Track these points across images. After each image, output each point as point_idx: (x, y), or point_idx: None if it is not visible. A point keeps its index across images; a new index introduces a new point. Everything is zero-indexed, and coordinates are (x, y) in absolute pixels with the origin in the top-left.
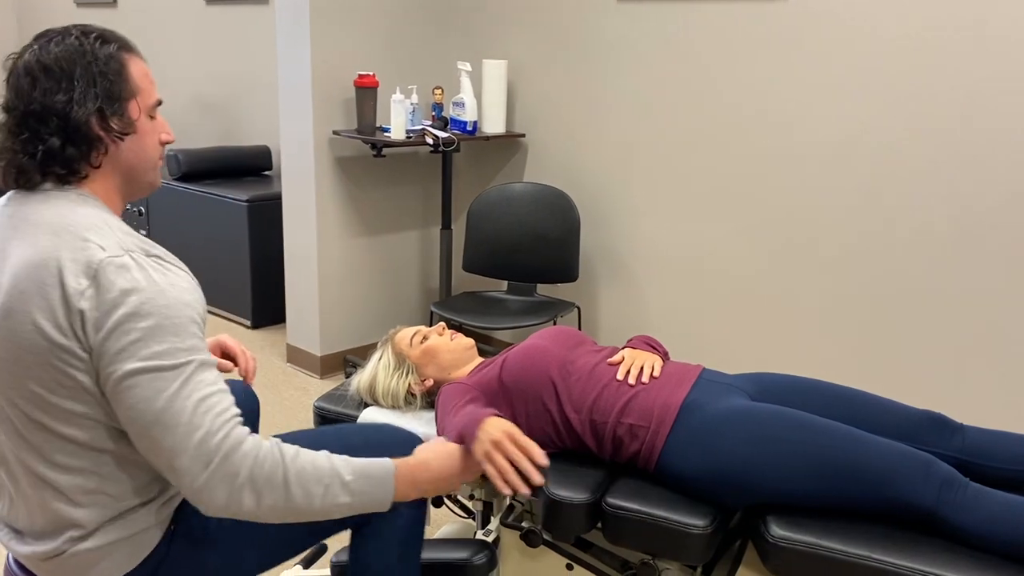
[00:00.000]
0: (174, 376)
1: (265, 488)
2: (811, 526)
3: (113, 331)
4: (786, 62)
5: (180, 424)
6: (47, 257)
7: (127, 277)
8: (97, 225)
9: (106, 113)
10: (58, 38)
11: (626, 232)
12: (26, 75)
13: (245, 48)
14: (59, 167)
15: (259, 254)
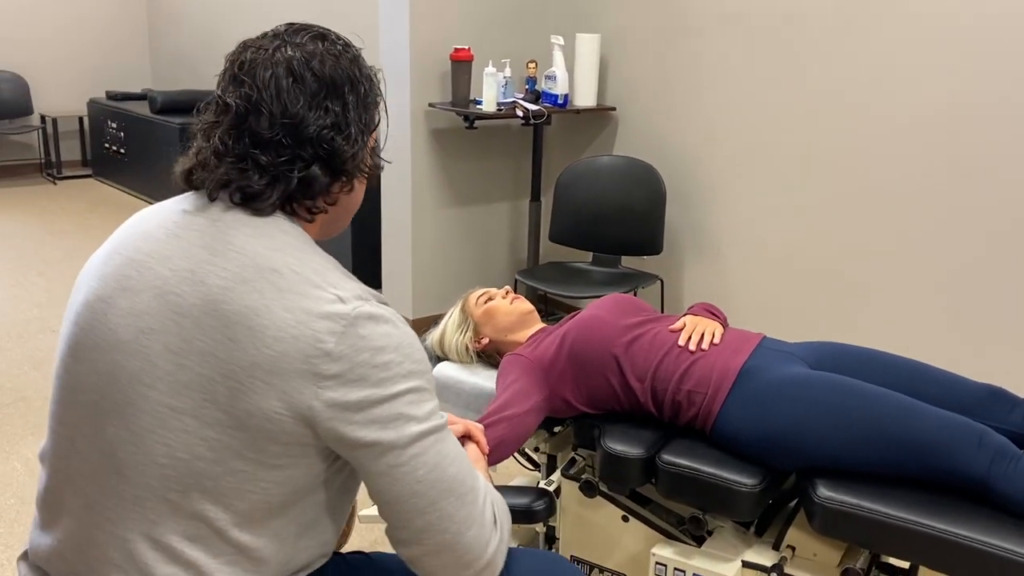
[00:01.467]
0: (446, 436)
1: (510, 528)
2: (857, 488)
3: (377, 395)
4: (880, 38)
5: (471, 491)
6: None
7: (384, 332)
8: (323, 269)
9: (365, 146)
10: (322, 42)
11: (712, 206)
12: (289, 75)
13: (352, 22)
14: (306, 198)
15: (359, 222)
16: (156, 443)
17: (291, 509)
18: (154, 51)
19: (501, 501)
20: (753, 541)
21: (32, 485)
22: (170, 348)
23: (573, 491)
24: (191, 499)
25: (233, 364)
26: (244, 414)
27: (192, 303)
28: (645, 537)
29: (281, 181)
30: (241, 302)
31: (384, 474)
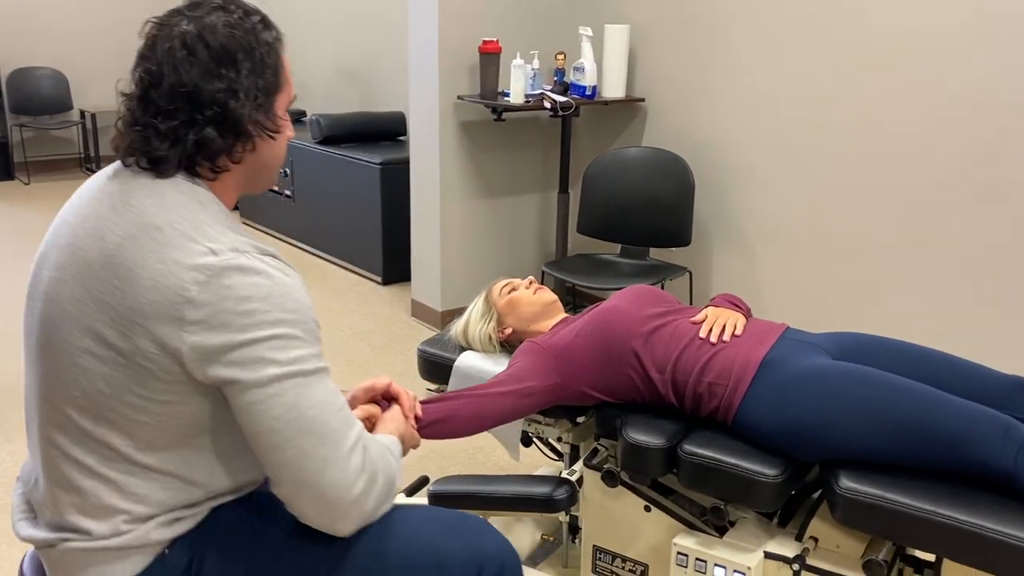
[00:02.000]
0: (315, 380)
1: (392, 479)
2: (879, 479)
3: (240, 339)
4: (911, 26)
5: (333, 432)
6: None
7: (250, 282)
8: (204, 223)
9: (263, 108)
10: (220, 13)
11: (741, 198)
12: (183, 49)
13: (385, 16)
14: (205, 159)
15: (390, 214)
16: (69, 379)
17: (197, 439)
18: None
19: (386, 458)
20: (775, 532)
21: None
22: (76, 296)
23: (595, 481)
24: (100, 427)
25: (119, 310)
26: (129, 354)
27: (94, 257)
28: (667, 527)
29: (178, 144)
30: (127, 255)
31: (244, 411)
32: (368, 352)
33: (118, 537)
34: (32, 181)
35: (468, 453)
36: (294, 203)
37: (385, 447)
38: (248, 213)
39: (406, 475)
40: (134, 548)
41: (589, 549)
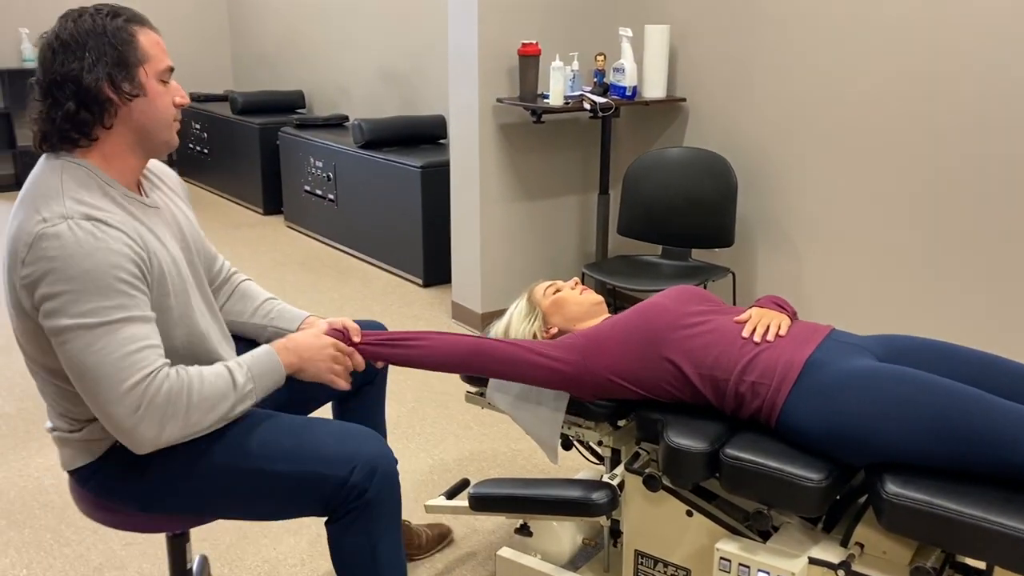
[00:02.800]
0: (102, 332)
1: (188, 419)
2: (927, 485)
3: (46, 293)
4: (958, 25)
5: (108, 376)
6: (13, 230)
7: (56, 244)
8: (50, 195)
9: (115, 78)
10: (75, 15)
11: (786, 197)
12: (48, 49)
13: (425, 21)
14: (74, 130)
15: (431, 217)
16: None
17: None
18: (235, 54)
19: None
20: (820, 537)
21: None
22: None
23: (637, 485)
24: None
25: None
26: (10, 306)
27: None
28: (709, 532)
29: (52, 122)
30: (5, 228)
31: (56, 352)
32: None
33: (73, 433)
34: None
35: (508, 456)
36: (337, 207)
37: (210, 371)
38: (293, 218)
39: (448, 477)
40: (90, 440)
41: (631, 554)
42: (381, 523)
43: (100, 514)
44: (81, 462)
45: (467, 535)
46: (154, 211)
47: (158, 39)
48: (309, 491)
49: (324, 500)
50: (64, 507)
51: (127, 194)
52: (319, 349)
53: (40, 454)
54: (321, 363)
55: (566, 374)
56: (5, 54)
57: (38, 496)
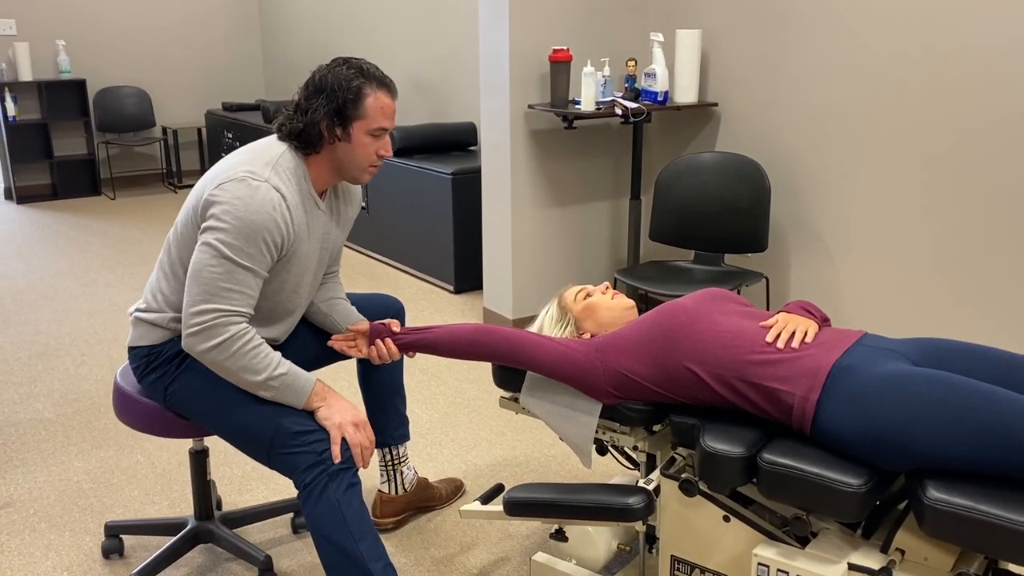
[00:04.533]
0: (226, 262)
1: (224, 359)
2: (969, 490)
3: (217, 214)
4: (993, 32)
5: (203, 290)
6: (231, 162)
7: (246, 192)
8: (269, 159)
9: (332, 122)
10: (336, 64)
11: (819, 202)
12: (307, 85)
13: (455, 28)
14: (297, 140)
15: (462, 224)
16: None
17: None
18: (267, 63)
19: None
20: (860, 543)
21: (154, 478)
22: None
23: (673, 490)
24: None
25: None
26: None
27: None
28: (747, 538)
29: (289, 124)
30: (228, 160)
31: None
32: (440, 361)
33: (150, 313)
34: (118, 196)
35: (542, 462)
36: (368, 214)
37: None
38: None
39: (481, 483)
40: (158, 327)
41: (667, 559)
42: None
43: (131, 405)
44: (142, 342)
45: (501, 540)
46: (320, 213)
47: (386, 103)
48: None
49: (307, 465)
50: (104, 511)
51: (311, 194)
52: (348, 409)
53: (79, 458)
54: (338, 413)
55: (577, 362)
56: (42, 66)
57: (78, 500)
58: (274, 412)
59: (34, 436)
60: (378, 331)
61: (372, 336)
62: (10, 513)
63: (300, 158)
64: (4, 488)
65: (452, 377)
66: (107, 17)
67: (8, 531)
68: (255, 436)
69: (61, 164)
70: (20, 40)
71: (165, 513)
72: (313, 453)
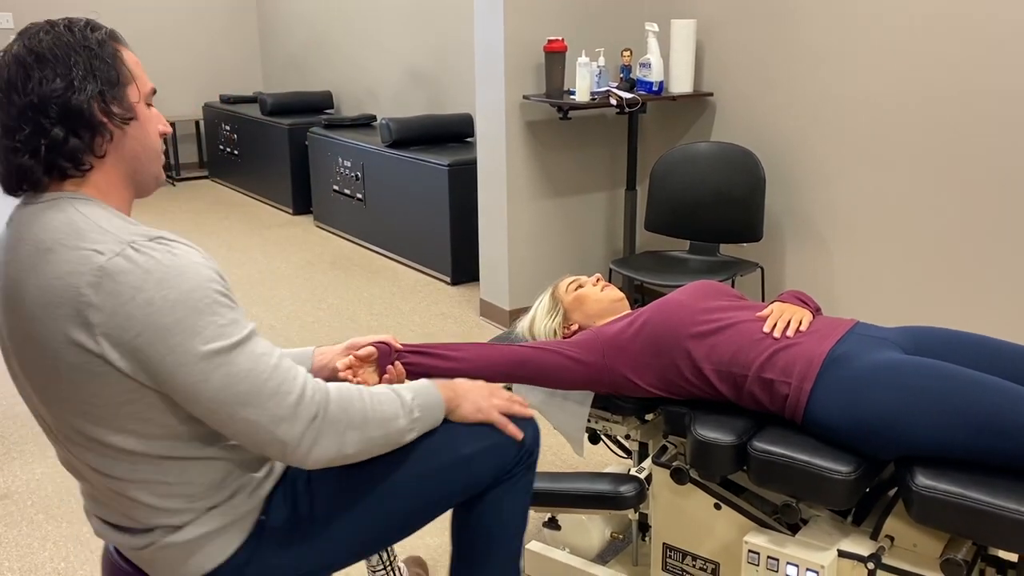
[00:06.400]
0: (238, 353)
1: (362, 424)
2: (957, 476)
3: (147, 334)
4: (987, 18)
5: (270, 395)
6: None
7: (137, 273)
8: (81, 230)
9: (107, 97)
10: (45, 27)
11: (814, 192)
12: (17, 66)
13: (451, 20)
14: (64, 160)
15: (458, 215)
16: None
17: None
18: (265, 56)
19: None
20: (850, 530)
21: None
22: (14, 341)
23: (665, 478)
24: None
25: (43, 339)
26: (70, 372)
27: (10, 298)
28: (738, 525)
29: (36, 152)
30: (32, 285)
31: (184, 401)
32: None
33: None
34: None
35: None
36: (365, 206)
37: (390, 392)
38: (322, 217)
39: None
40: (228, 524)
41: (659, 547)
42: (532, 481)
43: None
44: (227, 552)
45: None
46: None
47: (137, 59)
48: (494, 463)
49: (504, 466)
50: None
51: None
52: (473, 385)
53: None
54: (479, 398)
55: (592, 374)
56: None
57: (75, 491)
58: (431, 456)
59: (32, 428)
60: (387, 355)
61: (383, 362)
62: (7, 505)
63: (81, 195)
64: (2, 480)
65: None
66: (104, 9)
67: (6, 522)
68: (446, 494)
69: None
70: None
71: None
72: (503, 452)
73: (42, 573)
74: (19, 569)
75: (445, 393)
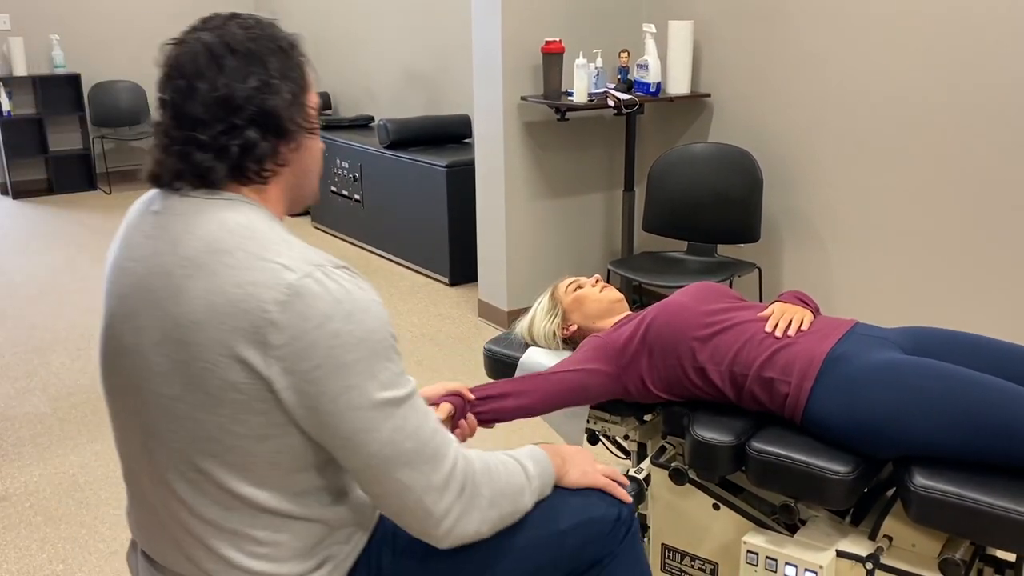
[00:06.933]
0: (409, 407)
1: (499, 500)
2: (955, 476)
3: (327, 366)
4: (992, 17)
5: (429, 459)
6: (229, 290)
7: (327, 300)
8: (266, 239)
9: (297, 103)
10: (234, 22)
11: (812, 192)
12: (209, 56)
13: (449, 21)
14: (253, 164)
15: (457, 217)
16: (168, 432)
17: (308, 473)
18: None
19: (494, 471)
20: (848, 530)
21: None
22: (155, 341)
23: (663, 479)
24: (212, 477)
25: (200, 346)
26: (219, 391)
27: (164, 296)
28: (736, 525)
29: (224, 152)
30: (200, 287)
31: (340, 447)
32: (436, 352)
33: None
34: (113, 191)
35: None
36: (363, 207)
37: (511, 459)
38: (320, 218)
39: None
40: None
41: (658, 548)
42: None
43: None
44: None
45: None
46: None
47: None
48: (587, 537)
49: (599, 540)
50: (99, 504)
51: None
52: (576, 450)
53: (75, 452)
54: (584, 463)
55: (612, 386)
56: (36, 60)
57: (73, 493)
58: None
59: (30, 430)
60: (462, 409)
61: (458, 416)
62: (5, 507)
63: (255, 203)
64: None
65: (448, 368)
66: (101, 11)
67: (4, 524)
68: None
69: (56, 159)
70: (14, 35)
71: None
72: (597, 527)
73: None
74: (17, 572)
75: (554, 460)
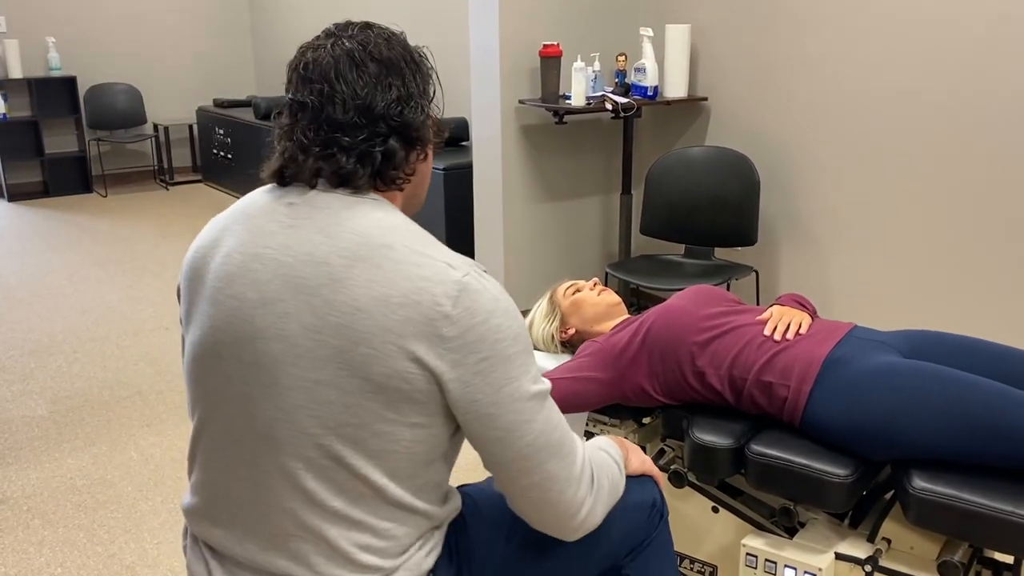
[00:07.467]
0: (551, 401)
1: (613, 490)
2: (954, 479)
3: (493, 358)
4: (989, 21)
5: (570, 452)
6: (402, 282)
7: (488, 298)
8: (423, 239)
9: (429, 114)
10: (370, 31)
11: (808, 195)
12: (351, 62)
13: (446, 24)
14: (393, 171)
15: (454, 220)
16: (307, 416)
17: (430, 467)
18: (258, 60)
19: (607, 463)
20: (847, 533)
21: (147, 474)
22: (306, 326)
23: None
24: (348, 458)
25: (366, 332)
26: (382, 377)
27: (319, 283)
28: (735, 528)
29: (367, 157)
30: (364, 277)
31: (496, 440)
32: None
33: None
34: (109, 193)
35: None
36: None
37: (602, 451)
38: None
39: (471, 476)
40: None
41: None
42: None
43: None
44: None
45: None
46: None
47: None
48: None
49: (644, 526)
50: (96, 507)
51: None
52: (624, 440)
53: (72, 455)
54: (638, 451)
55: (612, 392)
56: (32, 63)
57: (71, 496)
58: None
59: (27, 433)
60: None
61: None
62: (3, 510)
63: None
64: None
65: None
66: (97, 13)
67: (1, 528)
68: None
69: (52, 161)
70: (10, 37)
71: (159, 509)
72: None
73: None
74: (15, 575)
75: (621, 448)
